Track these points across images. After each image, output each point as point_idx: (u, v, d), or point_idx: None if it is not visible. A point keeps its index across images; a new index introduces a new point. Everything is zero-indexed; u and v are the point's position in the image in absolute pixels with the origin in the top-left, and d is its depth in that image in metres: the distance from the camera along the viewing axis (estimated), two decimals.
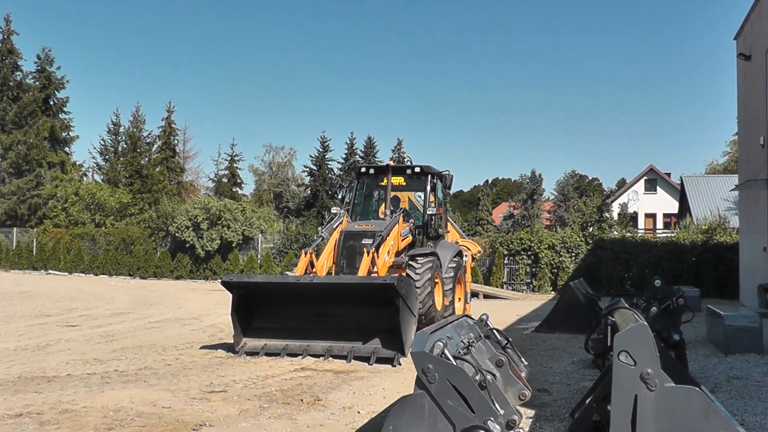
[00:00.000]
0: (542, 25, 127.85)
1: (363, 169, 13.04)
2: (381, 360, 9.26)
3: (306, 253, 10.96)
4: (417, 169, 12.48)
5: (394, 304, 9.11)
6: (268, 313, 10.26)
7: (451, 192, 15.12)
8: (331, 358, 9.50)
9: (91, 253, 32.78)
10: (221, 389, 7.58)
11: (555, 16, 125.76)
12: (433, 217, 12.54)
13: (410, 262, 11.04)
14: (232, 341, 11.50)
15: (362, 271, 10.21)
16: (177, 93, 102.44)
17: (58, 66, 42.85)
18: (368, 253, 10.35)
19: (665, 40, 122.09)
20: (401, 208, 12.44)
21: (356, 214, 12.76)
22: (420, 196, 13.28)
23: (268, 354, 9.73)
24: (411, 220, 12.38)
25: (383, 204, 12.79)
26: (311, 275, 10.38)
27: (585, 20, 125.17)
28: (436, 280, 11.18)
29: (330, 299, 9.92)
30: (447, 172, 13.14)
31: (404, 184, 12.93)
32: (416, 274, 10.67)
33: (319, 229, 17.59)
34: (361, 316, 9.74)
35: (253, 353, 9.81)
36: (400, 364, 9.12)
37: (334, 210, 12.71)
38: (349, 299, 9.74)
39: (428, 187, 12.50)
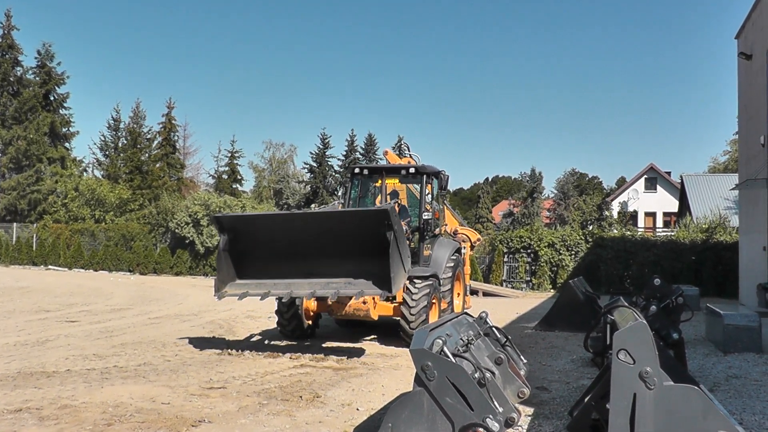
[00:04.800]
0: (543, 23, 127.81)
1: (357, 170, 12.70)
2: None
3: None
4: (412, 170, 12.22)
5: (386, 239, 9.00)
6: (257, 255, 10.02)
7: (449, 191, 14.84)
8: (332, 356, 9.52)
9: (90, 248, 32.80)
10: (220, 385, 7.58)
11: (555, 14, 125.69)
12: (429, 220, 12.28)
13: (407, 285, 10.72)
14: (231, 338, 11.55)
15: None
16: (177, 89, 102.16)
17: (59, 62, 42.88)
18: None
19: (666, 39, 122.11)
20: (395, 202, 12.18)
21: None
22: (418, 188, 13.04)
23: (251, 295, 9.60)
24: (408, 219, 12.27)
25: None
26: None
27: (585, 18, 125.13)
28: (433, 301, 11.02)
29: (322, 240, 9.70)
30: (443, 172, 12.90)
31: (399, 184, 12.76)
32: (413, 300, 10.45)
33: None
34: (352, 256, 9.56)
35: (233, 295, 9.72)
36: (391, 297, 8.93)
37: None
38: (342, 237, 9.56)
39: (423, 188, 12.22)
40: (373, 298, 10.66)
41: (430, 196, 12.31)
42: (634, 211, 53.66)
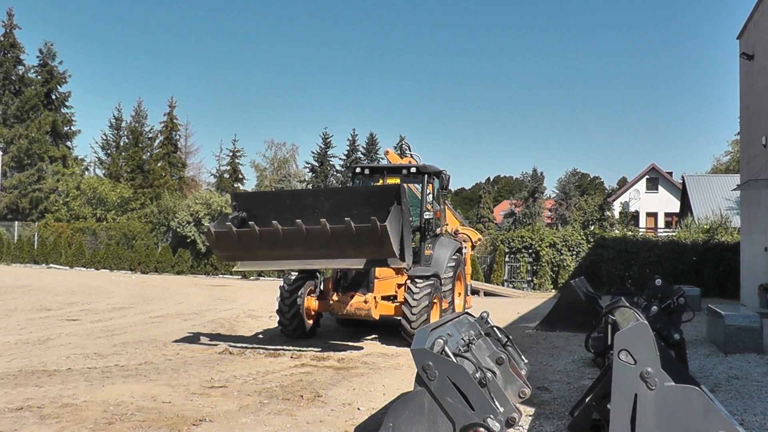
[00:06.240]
0: (545, 23, 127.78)
1: (358, 170, 12.68)
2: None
3: None
4: (413, 170, 12.11)
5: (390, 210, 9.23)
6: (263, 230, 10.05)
7: (450, 190, 14.79)
8: (333, 355, 9.52)
9: (92, 247, 32.81)
10: (221, 384, 7.59)
11: (557, 14, 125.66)
12: (431, 220, 12.25)
13: (409, 284, 10.76)
14: (232, 334, 11.55)
15: None
16: (179, 88, 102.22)
17: (60, 60, 43.03)
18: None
19: (668, 39, 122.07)
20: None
21: None
22: (419, 188, 13.02)
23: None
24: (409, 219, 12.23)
25: None
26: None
27: (587, 18, 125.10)
28: (434, 301, 11.01)
29: (332, 217, 9.71)
30: (444, 172, 12.86)
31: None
32: (414, 299, 10.44)
33: None
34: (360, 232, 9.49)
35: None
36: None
37: None
38: (352, 214, 9.55)
39: (425, 188, 12.17)
40: (374, 298, 10.67)
41: (431, 195, 12.29)
42: (635, 211, 53.65)
